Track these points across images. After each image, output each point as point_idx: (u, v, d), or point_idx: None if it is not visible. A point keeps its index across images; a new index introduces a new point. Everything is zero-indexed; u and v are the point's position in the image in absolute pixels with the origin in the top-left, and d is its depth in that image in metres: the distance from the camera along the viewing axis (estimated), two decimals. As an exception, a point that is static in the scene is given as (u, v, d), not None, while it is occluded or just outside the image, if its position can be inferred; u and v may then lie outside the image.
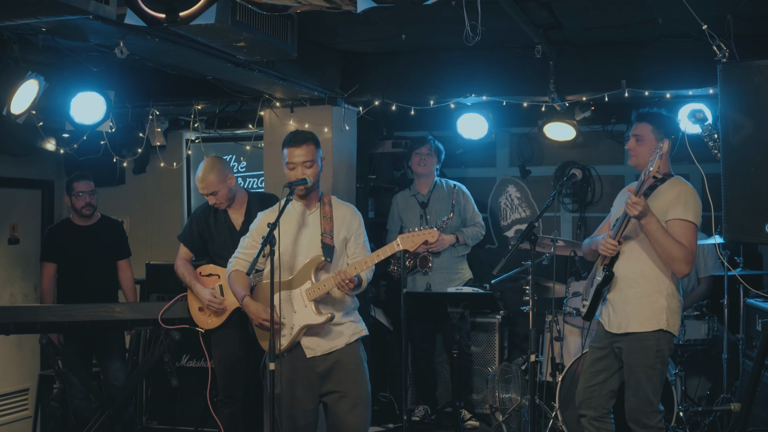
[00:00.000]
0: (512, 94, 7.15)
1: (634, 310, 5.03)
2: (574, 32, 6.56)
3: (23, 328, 6.09)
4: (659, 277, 5.02)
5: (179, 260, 6.29)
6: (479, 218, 7.79)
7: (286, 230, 5.12)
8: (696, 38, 6.08)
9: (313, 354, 5.06)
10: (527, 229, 5.04)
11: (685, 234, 4.89)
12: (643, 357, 4.99)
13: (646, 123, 5.10)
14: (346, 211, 5.24)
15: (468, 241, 7.67)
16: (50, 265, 7.05)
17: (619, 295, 5.12)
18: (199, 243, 6.29)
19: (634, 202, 4.76)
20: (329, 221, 5.11)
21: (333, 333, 5.09)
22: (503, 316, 7.81)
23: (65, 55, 5.69)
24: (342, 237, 5.15)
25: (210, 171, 6.08)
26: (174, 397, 7.32)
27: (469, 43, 4.55)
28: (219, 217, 6.23)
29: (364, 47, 7.18)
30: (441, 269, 7.60)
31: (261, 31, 4.98)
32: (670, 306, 5.02)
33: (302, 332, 5.03)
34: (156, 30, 4.99)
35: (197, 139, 8.26)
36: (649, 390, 4.96)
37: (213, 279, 6.19)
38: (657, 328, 4.99)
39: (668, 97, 6.88)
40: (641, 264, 5.04)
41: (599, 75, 6.88)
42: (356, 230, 5.19)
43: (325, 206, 5.17)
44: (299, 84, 6.74)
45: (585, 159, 8.63)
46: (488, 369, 7.53)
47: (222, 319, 6.12)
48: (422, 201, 7.76)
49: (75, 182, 6.99)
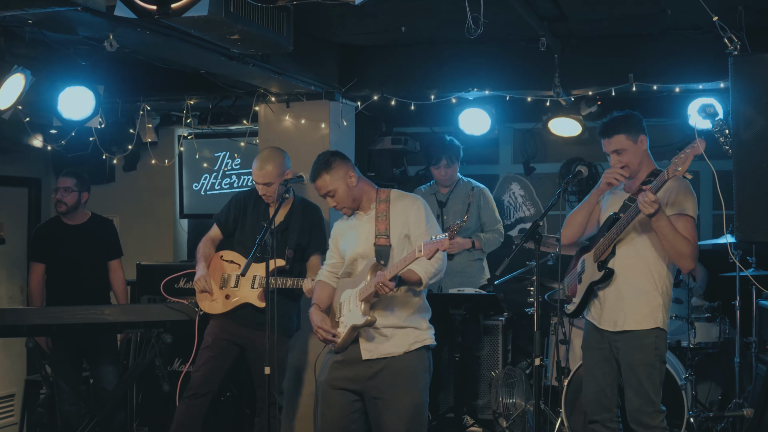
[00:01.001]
0: (516, 88, 7.14)
1: (632, 307, 5.04)
2: (579, 24, 6.55)
3: (9, 331, 6.06)
4: (658, 274, 5.04)
5: (206, 238, 6.32)
6: (499, 224, 7.70)
7: (344, 233, 5.26)
8: (706, 30, 6.06)
9: (369, 356, 5.06)
10: (531, 228, 5.01)
11: (688, 229, 4.90)
12: (643, 355, 5.00)
13: (618, 135, 5.10)
14: (403, 204, 5.17)
15: (484, 247, 7.60)
16: (38, 266, 7.02)
17: (613, 291, 5.12)
18: (232, 227, 6.31)
19: (652, 201, 4.72)
20: (384, 220, 5.10)
21: (390, 338, 5.07)
22: (507, 318, 7.78)
23: (53, 49, 5.68)
24: (401, 233, 5.10)
25: (270, 161, 6.08)
26: (166, 402, 7.29)
27: (471, 35, 4.55)
28: (259, 208, 6.22)
29: (362, 40, 7.16)
30: (454, 273, 7.53)
31: (256, 24, 4.95)
32: (665, 304, 5.07)
33: (354, 332, 5.05)
34: (147, 22, 4.97)
35: (190, 135, 8.26)
36: (650, 389, 4.97)
37: (233, 267, 6.19)
38: (654, 326, 5.01)
39: (677, 91, 6.87)
40: (639, 261, 5.05)
41: (606, 68, 6.87)
42: (413, 221, 5.09)
43: (380, 205, 5.16)
44: (295, 78, 6.73)
45: (591, 155, 8.61)
46: (491, 373, 7.51)
47: (226, 308, 6.12)
48: (441, 200, 7.74)
49: (59, 177, 7.00)
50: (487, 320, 7.60)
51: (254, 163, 6.15)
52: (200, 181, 8.90)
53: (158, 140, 8.51)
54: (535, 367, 4.91)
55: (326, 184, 5.12)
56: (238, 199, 6.35)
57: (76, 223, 7.06)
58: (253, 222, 6.18)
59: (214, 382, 6.19)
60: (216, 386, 6.22)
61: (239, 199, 6.34)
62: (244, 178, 8.83)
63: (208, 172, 8.86)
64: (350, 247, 5.20)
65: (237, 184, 8.84)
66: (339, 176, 5.10)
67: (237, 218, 6.28)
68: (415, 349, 5.09)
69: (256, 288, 6.07)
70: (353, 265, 5.20)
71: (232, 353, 6.23)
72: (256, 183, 6.14)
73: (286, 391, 6.84)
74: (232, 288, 6.14)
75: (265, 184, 6.08)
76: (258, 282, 6.06)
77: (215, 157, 8.87)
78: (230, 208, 6.33)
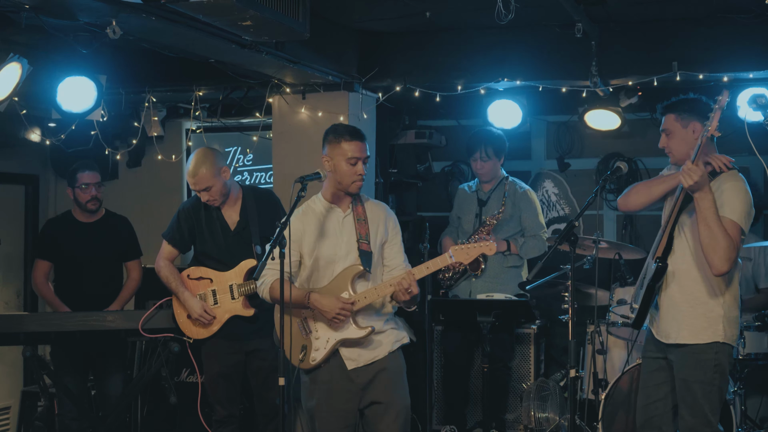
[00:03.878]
0: (549, 78, 7.14)
1: (687, 318, 4.97)
2: (619, 8, 6.52)
3: (5, 339, 6.11)
4: (718, 281, 4.91)
5: (162, 260, 6.24)
6: (542, 230, 7.56)
7: (313, 233, 5.15)
8: (758, 14, 6.04)
9: (354, 365, 5.13)
10: (566, 229, 5.00)
11: (733, 232, 4.78)
12: (699, 372, 4.92)
13: (669, 114, 5.05)
14: (380, 211, 5.27)
15: (521, 253, 7.49)
16: (43, 263, 7.02)
17: (667, 297, 5.06)
18: (189, 241, 6.27)
19: (689, 169, 4.66)
20: (364, 224, 5.16)
21: (374, 342, 5.18)
22: (539, 326, 7.76)
23: (51, 36, 5.69)
24: (378, 241, 5.20)
25: (202, 164, 6.02)
26: (172, 415, 7.32)
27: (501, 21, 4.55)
28: (211, 215, 6.20)
29: (384, 26, 7.17)
30: (486, 278, 7.49)
31: (269, 9, 4.96)
32: (727, 315, 4.94)
33: (338, 346, 5.10)
34: (152, 7, 4.98)
35: (198, 128, 8.26)
36: (707, 408, 4.91)
37: (204, 283, 6.17)
38: (713, 340, 4.92)
39: (725, 80, 6.83)
40: (696, 265, 4.95)
41: (647, 56, 6.85)
42: (392, 232, 5.25)
43: (357, 207, 5.20)
44: (312, 67, 6.74)
45: (631, 150, 8.58)
46: (523, 385, 7.50)
47: (215, 328, 6.13)
48: (481, 198, 7.69)
49: (79, 173, 6.97)
50: (518, 328, 7.58)
51: (187, 169, 6.12)
52: (209, 178, 8.90)
53: (164, 134, 8.54)
54: (570, 378, 4.90)
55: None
56: (186, 210, 6.26)
57: (88, 221, 7.07)
58: (212, 230, 6.19)
59: (235, 405, 6.27)
60: (237, 407, 6.30)
61: (187, 211, 6.25)
62: (258, 174, 8.85)
63: (218, 168, 8.87)
64: (328, 250, 5.14)
65: (249, 181, 8.85)
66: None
67: (192, 230, 6.22)
68: (396, 349, 5.27)
69: (237, 298, 6.10)
70: (325, 270, 5.15)
71: (239, 368, 6.25)
72: (196, 192, 6.12)
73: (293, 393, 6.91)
74: (213, 306, 6.13)
75: (204, 190, 6.05)
76: (237, 291, 6.09)
77: (226, 152, 8.90)
78: (180, 221, 6.24)
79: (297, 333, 5.16)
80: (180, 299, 6.14)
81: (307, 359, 5.12)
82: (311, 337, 5.14)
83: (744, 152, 5.19)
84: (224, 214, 6.19)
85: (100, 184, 7.03)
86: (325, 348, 5.09)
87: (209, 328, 6.12)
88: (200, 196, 6.11)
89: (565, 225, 5.07)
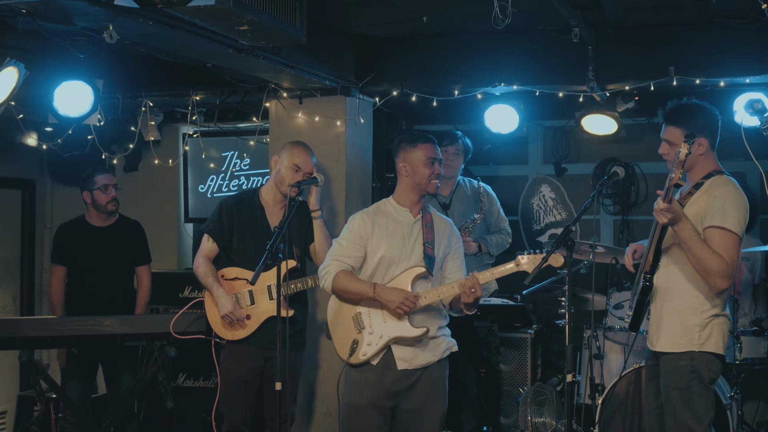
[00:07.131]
0: (546, 83, 7.13)
1: (665, 327, 4.97)
2: (615, 13, 6.51)
3: (1, 343, 6.12)
4: (696, 292, 4.88)
5: (201, 257, 6.16)
6: (506, 224, 7.53)
7: (381, 232, 5.25)
8: (754, 19, 6.04)
9: (406, 366, 5.19)
10: (563, 234, 4.99)
11: (724, 244, 4.73)
12: (676, 378, 4.91)
13: (674, 127, 4.94)
14: (446, 225, 5.43)
15: (492, 250, 7.39)
16: (59, 268, 7.03)
17: (654, 308, 5.08)
18: (228, 237, 6.17)
19: (661, 209, 4.62)
20: (431, 231, 5.29)
21: (430, 346, 5.26)
22: (536, 330, 7.76)
23: (48, 40, 5.68)
24: (442, 252, 5.31)
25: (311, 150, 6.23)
26: (169, 420, 7.31)
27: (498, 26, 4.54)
28: (254, 214, 6.16)
29: (381, 31, 7.17)
30: None
31: (266, 13, 4.96)
32: (704, 324, 4.87)
33: (390, 343, 5.16)
34: (149, 12, 4.98)
35: (195, 133, 8.27)
36: (687, 416, 4.86)
37: (240, 284, 6.10)
38: (688, 349, 4.88)
39: (722, 85, 6.84)
40: (678, 276, 4.94)
41: (644, 61, 6.84)
42: (455, 246, 5.40)
43: (427, 214, 5.34)
44: (309, 72, 6.74)
45: (628, 155, 8.59)
46: (519, 390, 7.50)
47: (251, 329, 6.06)
48: (443, 203, 7.62)
49: (97, 175, 7.00)
50: (515, 333, 7.58)
51: (299, 151, 6.14)
52: (206, 183, 8.91)
53: (161, 139, 8.54)
54: (567, 383, 4.89)
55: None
56: (229, 205, 6.21)
57: (102, 225, 7.07)
58: (253, 228, 6.13)
59: (249, 414, 6.19)
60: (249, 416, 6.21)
61: (230, 206, 6.20)
62: (255, 179, 8.84)
63: (215, 173, 8.87)
64: (394, 250, 5.22)
65: (246, 185, 8.85)
66: None
67: (232, 226, 6.16)
68: (445, 357, 5.34)
69: (274, 298, 6.00)
70: (384, 270, 5.24)
71: (258, 374, 6.17)
72: (302, 172, 6.07)
73: (300, 406, 6.86)
74: (250, 306, 6.09)
75: (308, 173, 6.12)
76: (275, 291, 6.01)
77: (223, 156, 8.87)
78: (222, 215, 6.17)
79: (349, 327, 5.24)
80: (213, 295, 6.06)
81: (357, 354, 5.16)
82: (364, 333, 5.19)
83: (741, 157, 5.20)
84: (267, 215, 6.15)
85: (116, 186, 7.06)
86: (378, 344, 5.15)
87: (246, 329, 6.06)
88: (299, 180, 5.98)
89: (562, 230, 5.05)
